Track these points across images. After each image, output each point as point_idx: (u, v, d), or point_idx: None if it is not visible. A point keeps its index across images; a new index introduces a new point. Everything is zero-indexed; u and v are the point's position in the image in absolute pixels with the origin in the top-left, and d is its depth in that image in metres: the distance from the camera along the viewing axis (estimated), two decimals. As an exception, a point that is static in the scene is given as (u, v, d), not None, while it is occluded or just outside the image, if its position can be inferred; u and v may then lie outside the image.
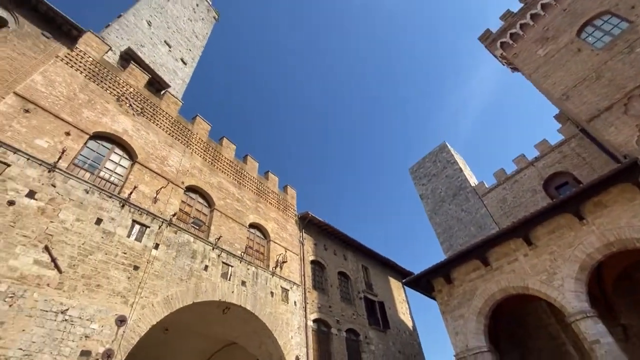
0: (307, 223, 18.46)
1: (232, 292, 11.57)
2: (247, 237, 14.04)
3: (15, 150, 7.93)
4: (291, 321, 13.39)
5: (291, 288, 14.51)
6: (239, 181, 15.42)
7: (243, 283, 12.21)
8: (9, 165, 7.67)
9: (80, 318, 7.33)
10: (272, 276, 13.83)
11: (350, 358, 15.40)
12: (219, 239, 12.12)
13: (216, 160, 14.70)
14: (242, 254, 12.97)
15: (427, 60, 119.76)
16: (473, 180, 25.40)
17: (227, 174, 14.95)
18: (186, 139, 13.62)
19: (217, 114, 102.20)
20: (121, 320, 7.97)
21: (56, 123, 9.19)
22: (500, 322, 14.12)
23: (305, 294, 15.11)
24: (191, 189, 12.73)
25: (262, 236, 15.20)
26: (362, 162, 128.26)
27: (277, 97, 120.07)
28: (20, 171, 7.82)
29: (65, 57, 10.56)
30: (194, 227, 11.76)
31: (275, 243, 15.33)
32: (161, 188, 11.03)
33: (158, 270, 9.55)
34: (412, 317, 23.12)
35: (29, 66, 9.48)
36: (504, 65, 20.56)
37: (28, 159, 8.07)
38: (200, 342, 14.80)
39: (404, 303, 23.50)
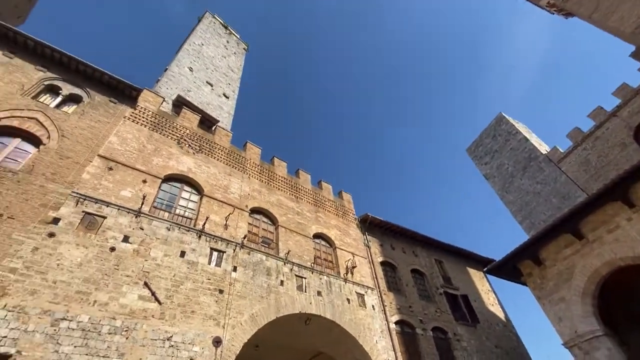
0: (369, 225, 18.22)
1: (310, 303, 11.80)
2: (314, 248, 14.30)
3: (108, 204, 9.19)
4: (372, 325, 13.18)
5: (366, 292, 14.33)
6: (295, 195, 15.88)
7: (319, 293, 12.40)
8: (105, 218, 8.91)
9: (183, 343, 8.09)
10: (345, 283, 13.83)
11: (442, 357, 14.58)
12: (288, 253, 12.53)
13: (271, 180, 15.37)
14: (312, 264, 13.23)
15: (460, 30, 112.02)
16: (543, 148, 22.78)
17: (284, 191, 15.51)
18: (242, 166, 14.50)
19: (262, 134, 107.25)
20: (217, 341, 8.61)
21: (134, 174, 10.48)
22: (613, 301, 12.23)
23: (381, 296, 14.80)
24: (255, 210, 13.44)
25: (327, 245, 15.37)
26: (413, 153, 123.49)
27: (309, 106, 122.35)
28: (114, 221, 9.03)
29: (131, 115, 12.06)
30: (263, 245, 12.36)
31: (341, 249, 15.37)
32: (229, 214, 11.83)
33: (240, 290, 10.17)
34: (502, 308, 21.20)
35: (105, 130, 11.02)
36: (552, 13, 18.36)
37: (118, 209, 9.29)
38: (290, 355, 15.28)
39: (490, 293, 21.69)
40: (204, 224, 10.80)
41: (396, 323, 14.40)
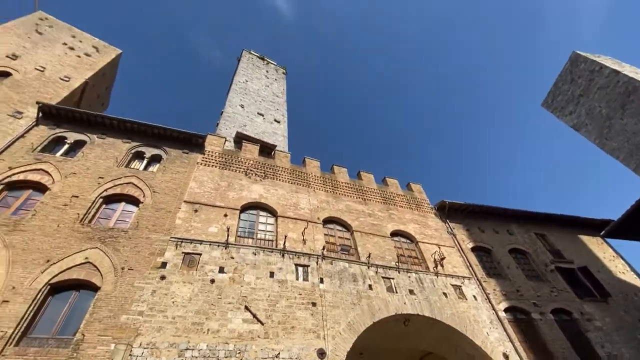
0: (448, 212, 17.03)
1: (404, 303, 11.37)
2: (394, 247, 13.86)
3: (200, 242, 10.27)
4: (479, 317, 12.09)
5: (463, 283, 13.28)
6: (363, 198, 15.72)
7: (411, 292, 11.89)
8: (200, 254, 9.95)
9: (290, 358, 8.45)
10: (437, 277, 13.03)
11: (574, 342, 12.60)
12: (369, 256, 12.36)
13: (336, 188, 15.50)
14: (397, 264, 12.80)
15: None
16: (644, 75, 18.73)
17: (350, 196, 15.49)
18: (305, 181, 14.96)
19: (315, 145, 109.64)
20: (321, 353, 8.79)
21: (216, 211, 11.56)
22: None
23: (481, 284, 13.55)
24: (327, 220, 13.66)
25: (408, 241, 14.76)
26: (471, 127, 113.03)
27: (356, 103, 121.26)
28: (209, 255, 10.02)
29: (202, 160, 13.45)
30: (343, 253, 12.42)
31: (424, 243, 14.60)
32: (304, 229, 12.21)
33: (331, 301, 10.31)
34: (637, 274, 17.61)
35: (185, 178, 12.45)
36: None
37: (210, 245, 10.30)
38: (397, 359, 14.85)
39: (617, 260, 18.24)
40: (284, 242, 11.32)
41: (506, 311, 12.98)
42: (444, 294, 12.43)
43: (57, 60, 16.36)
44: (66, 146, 12.21)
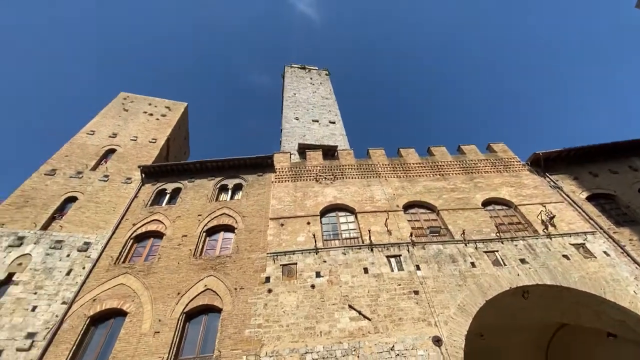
0: (545, 164, 14.87)
1: (517, 274, 10.26)
2: (490, 217, 12.66)
3: (293, 252, 10.95)
4: (617, 275, 10.20)
5: (586, 240, 11.40)
6: (440, 174, 14.79)
7: (522, 261, 10.68)
8: (296, 264, 10.60)
9: (406, 349, 8.36)
10: (550, 239, 11.45)
11: None
12: (463, 233, 11.53)
13: (408, 171, 14.92)
14: (497, 234, 11.65)
15: None
16: None
17: (425, 175, 14.72)
18: (374, 172, 14.76)
19: (376, 134, 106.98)
20: (437, 340, 8.49)
21: (299, 221, 12.21)
22: None
23: (611, 237, 11.43)
24: (408, 206, 13.21)
25: (504, 207, 13.33)
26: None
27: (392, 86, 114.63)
28: (304, 263, 10.60)
29: (276, 178, 14.37)
30: (433, 235, 11.83)
31: (524, 205, 13.00)
32: (386, 220, 12.03)
33: (434, 286, 9.90)
34: None
35: (265, 198, 13.45)
36: None
37: (302, 253, 10.90)
38: (527, 336, 13.45)
39: None
40: (370, 237, 11.32)
41: (655, 262, 10.67)
42: (564, 256, 10.83)
43: (143, 128, 19.42)
44: (167, 196, 14.36)
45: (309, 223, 12.11)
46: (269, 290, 9.80)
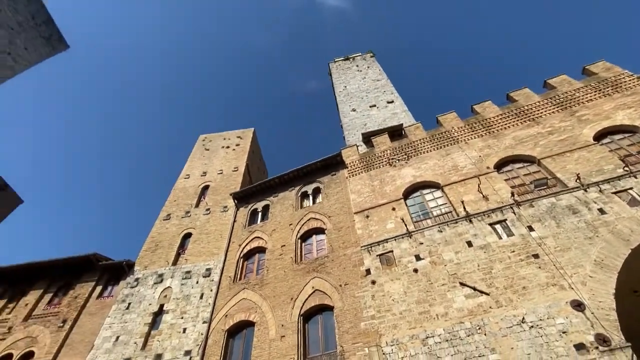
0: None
1: (670, 210, 8.24)
2: (609, 150, 10.48)
3: (386, 240, 10.81)
4: None
5: None
6: (530, 119, 12.87)
7: (672, 193, 8.54)
8: (392, 251, 10.44)
9: (540, 320, 7.45)
10: None
11: None
12: (578, 178, 9.79)
13: (489, 126, 13.38)
14: (625, 168, 9.57)
15: None
16: None
17: (512, 125, 12.99)
18: (450, 139, 13.64)
19: (440, 97, 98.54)
20: (578, 305, 7.35)
21: (383, 209, 12.03)
22: None
23: None
24: (500, 164, 11.84)
25: (627, 134, 10.89)
26: None
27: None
28: (399, 249, 10.39)
29: (349, 173, 14.47)
30: (540, 189, 10.33)
31: (657, 124, 10.39)
32: (478, 186, 10.99)
33: (556, 245, 8.62)
34: None
35: (344, 195, 13.63)
36: None
37: (395, 239, 10.70)
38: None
39: None
40: (464, 208, 10.49)
41: None
42: None
43: (224, 160, 21.70)
44: (260, 214, 15.72)
45: (394, 209, 11.84)
46: (373, 282, 9.87)
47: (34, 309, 13.80)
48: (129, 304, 13.11)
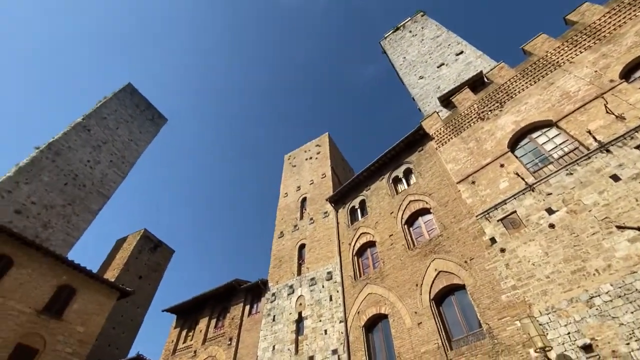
0: None
1: None
2: None
3: (503, 202, 9.64)
4: None
5: None
6: (658, -1, 9.85)
7: None
8: (514, 212, 9.25)
9: None
10: None
11: None
12: None
13: (597, 31, 10.73)
14: None
15: None
16: None
17: (629, 19, 10.16)
18: (548, 65, 11.42)
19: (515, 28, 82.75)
20: None
21: (490, 168, 10.79)
22: None
23: None
24: (626, 72, 9.38)
25: None
26: None
27: None
28: (524, 208, 9.12)
29: (437, 144, 13.49)
30: None
31: None
32: (605, 106, 8.90)
33: None
34: None
35: (441, 168, 12.76)
36: None
37: (515, 198, 9.45)
38: None
39: None
40: (594, 138, 8.61)
41: None
42: None
43: (312, 170, 22.84)
44: (358, 210, 15.95)
45: (502, 165, 10.51)
46: (502, 250, 8.92)
47: (207, 333, 16.87)
48: (274, 316, 14.86)
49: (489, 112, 12.23)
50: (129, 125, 37.42)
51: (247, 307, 16.64)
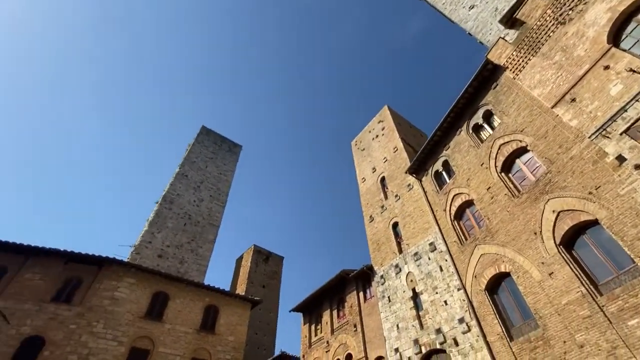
0: None
1: None
2: None
3: (624, 108, 7.80)
4: None
5: None
6: None
7: None
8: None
9: None
10: None
11: None
12: None
13: None
14: None
15: None
16: None
17: None
18: None
19: None
20: None
21: (590, 76, 8.84)
22: None
23: None
24: None
25: None
26: None
27: None
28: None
29: (513, 72, 11.67)
30: None
31: None
32: None
33: None
34: None
35: (523, 96, 11.01)
36: None
37: (637, 100, 7.56)
38: None
39: None
40: None
41: None
42: None
43: (382, 148, 22.25)
44: (444, 173, 14.90)
45: (606, 67, 8.48)
46: (636, 167, 7.23)
47: (332, 323, 18.02)
48: (389, 297, 15.01)
49: (570, 12, 9.99)
50: (214, 161, 42.42)
51: (361, 294, 17.18)
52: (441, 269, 12.92)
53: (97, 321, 13.79)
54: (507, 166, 11.45)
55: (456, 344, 11.10)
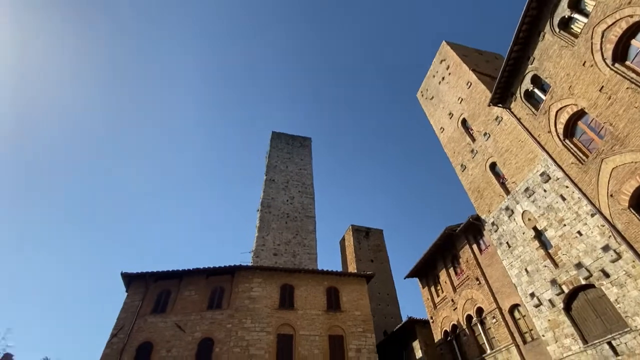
0: None
1: None
2: None
3: None
4: None
5: None
6: None
7: None
8: None
9: None
10: None
11: None
12: None
13: None
14: None
15: None
16: None
17: None
18: None
19: None
20: None
21: None
22: None
23: None
24: None
25: None
26: None
27: None
28: None
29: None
30: None
31: None
32: None
33: None
34: None
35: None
36: None
37: None
38: None
39: None
40: None
41: None
42: None
43: (452, 89, 20.13)
44: (535, 89, 12.71)
45: None
46: None
47: (452, 281, 17.52)
48: (507, 243, 13.80)
49: None
50: (292, 160, 45.02)
51: (474, 246, 16.20)
52: (563, 198, 11.23)
53: (245, 318, 16.34)
54: (622, 52, 9.12)
55: (606, 275, 9.60)
